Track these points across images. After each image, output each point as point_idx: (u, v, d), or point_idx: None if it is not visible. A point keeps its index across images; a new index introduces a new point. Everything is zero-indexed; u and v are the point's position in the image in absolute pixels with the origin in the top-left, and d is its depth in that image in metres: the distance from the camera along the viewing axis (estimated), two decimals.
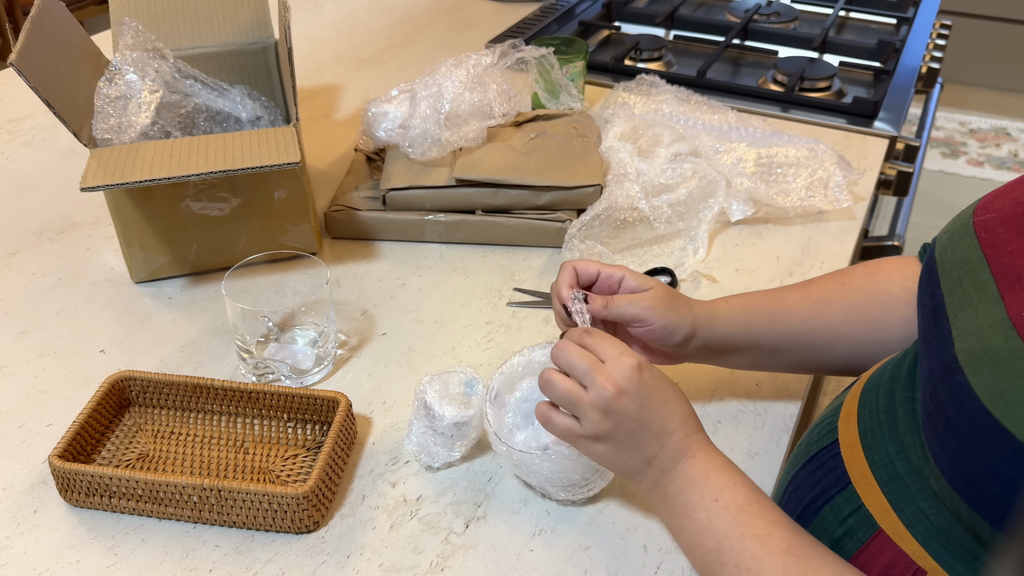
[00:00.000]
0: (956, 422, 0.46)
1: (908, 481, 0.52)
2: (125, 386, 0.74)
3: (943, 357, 0.49)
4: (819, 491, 0.58)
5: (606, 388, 0.58)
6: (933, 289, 0.54)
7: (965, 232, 0.54)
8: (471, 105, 0.98)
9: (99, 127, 0.89)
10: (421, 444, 0.70)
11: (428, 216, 0.97)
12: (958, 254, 0.53)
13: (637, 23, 1.57)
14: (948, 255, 0.54)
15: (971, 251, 0.52)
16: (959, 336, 0.49)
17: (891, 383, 0.58)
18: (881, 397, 0.57)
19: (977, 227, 0.53)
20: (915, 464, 0.52)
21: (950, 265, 0.54)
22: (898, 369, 0.58)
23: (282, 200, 0.91)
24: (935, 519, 0.50)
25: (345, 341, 0.84)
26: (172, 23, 1.02)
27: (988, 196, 0.56)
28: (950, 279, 0.53)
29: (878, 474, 0.54)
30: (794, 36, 1.49)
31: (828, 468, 0.58)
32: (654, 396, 0.59)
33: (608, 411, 0.59)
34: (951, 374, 0.47)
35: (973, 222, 0.54)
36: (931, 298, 0.54)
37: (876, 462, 0.54)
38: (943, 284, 0.53)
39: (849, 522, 0.55)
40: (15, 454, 0.72)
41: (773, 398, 0.79)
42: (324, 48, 1.47)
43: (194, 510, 0.65)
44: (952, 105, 3.38)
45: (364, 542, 0.65)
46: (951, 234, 0.56)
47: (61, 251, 0.97)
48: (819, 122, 1.24)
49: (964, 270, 0.52)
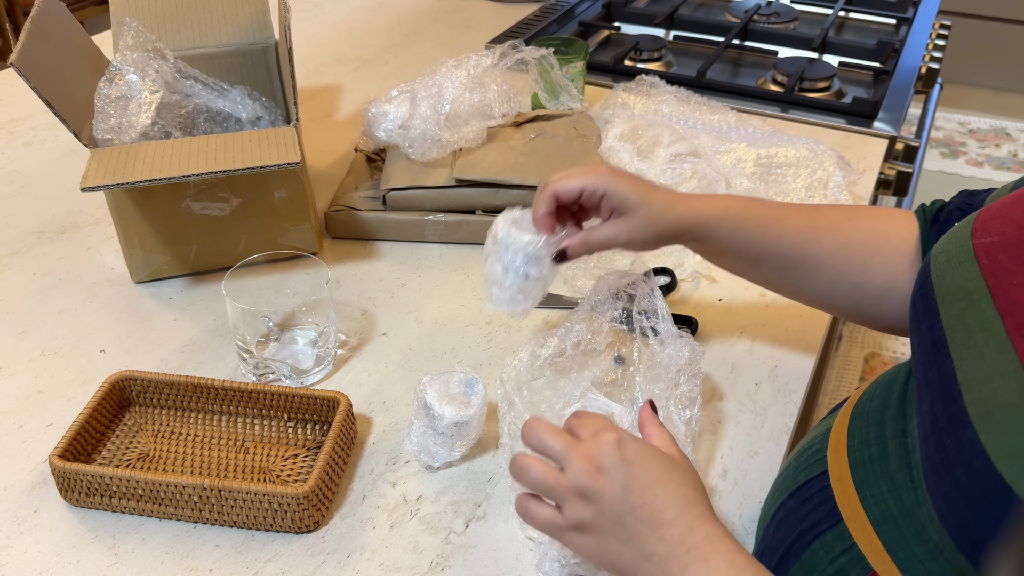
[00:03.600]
0: (965, 483, 0.42)
1: (901, 522, 0.49)
2: (125, 386, 0.74)
3: (949, 406, 0.45)
4: (808, 524, 0.55)
5: (584, 467, 0.52)
6: (931, 320, 0.50)
7: (964, 256, 0.50)
8: (471, 105, 0.99)
9: (99, 127, 0.89)
10: (421, 444, 0.70)
11: (428, 216, 0.97)
12: (958, 281, 0.49)
13: (637, 23, 1.57)
14: (947, 281, 0.50)
15: (972, 279, 0.48)
16: (967, 384, 0.44)
17: (880, 412, 0.55)
18: (871, 427, 0.55)
19: (978, 251, 0.49)
20: (907, 505, 0.49)
21: (950, 294, 0.49)
22: (887, 396, 0.56)
23: (282, 200, 0.91)
24: (930, 566, 0.47)
25: (345, 341, 0.85)
26: (172, 23, 1.02)
27: (987, 213, 0.52)
28: (950, 311, 0.48)
29: (870, 512, 0.51)
30: (794, 36, 1.49)
31: (818, 501, 0.55)
32: (640, 475, 0.51)
33: (588, 494, 0.52)
34: (960, 428, 0.43)
35: (973, 245, 0.50)
36: (929, 330, 0.50)
37: (868, 499, 0.52)
38: (943, 315, 0.49)
39: (840, 561, 0.51)
40: (15, 454, 0.72)
41: (773, 398, 0.79)
42: (324, 48, 1.47)
43: (194, 510, 0.65)
44: (952, 105, 3.38)
45: (364, 542, 0.65)
46: (948, 256, 0.51)
47: (62, 251, 0.97)
48: (819, 122, 1.24)
49: (966, 302, 0.47)
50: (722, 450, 0.73)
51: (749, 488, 0.70)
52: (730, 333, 0.86)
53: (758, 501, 0.69)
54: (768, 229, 0.70)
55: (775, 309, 0.89)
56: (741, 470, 0.72)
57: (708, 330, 0.86)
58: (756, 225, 0.69)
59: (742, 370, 0.82)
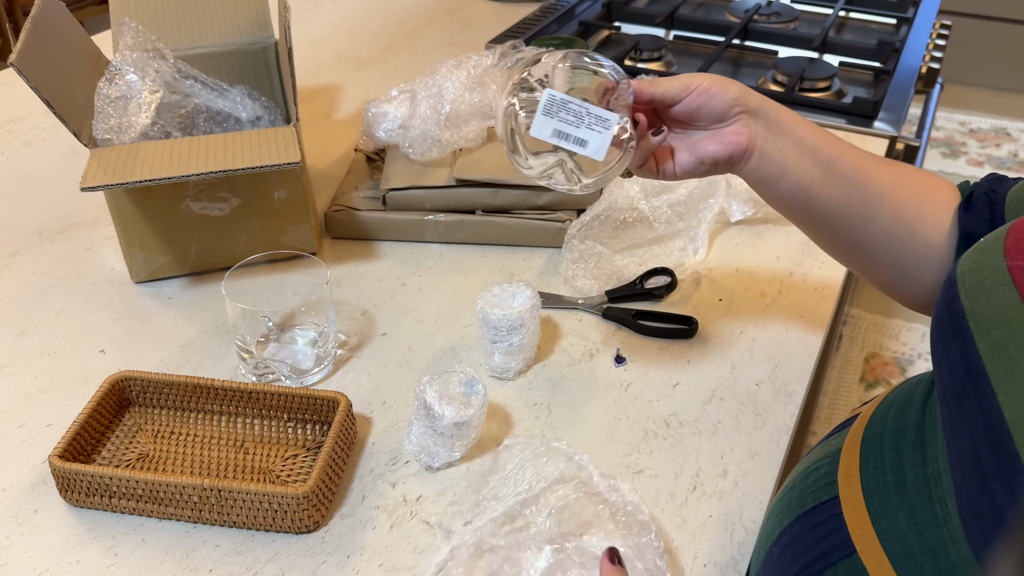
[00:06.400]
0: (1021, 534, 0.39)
1: (923, 559, 0.47)
2: (125, 386, 0.74)
3: (997, 447, 0.41)
4: (819, 553, 0.53)
5: None
6: (964, 345, 0.46)
7: (999, 278, 0.46)
8: (471, 105, 0.98)
9: (99, 127, 0.89)
10: (421, 444, 0.70)
11: (428, 216, 0.97)
12: (995, 306, 0.45)
13: (637, 23, 1.57)
14: (981, 305, 0.46)
15: (1012, 306, 0.44)
16: (1018, 424, 0.41)
17: (896, 436, 0.52)
18: (886, 452, 0.52)
19: (1015, 274, 0.45)
20: (931, 543, 0.47)
21: (986, 319, 0.46)
22: (902, 419, 0.53)
23: (282, 200, 0.91)
24: None
25: (345, 341, 0.85)
26: (172, 23, 1.02)
27: (1018, 232, 0.48)
28: (988, 338, 0.45)
29: (887, 546, 0.48)
30: (794, 36, 1.49)
31: (829, 528, 0.53)
32: None
33: None
34: (1013, 474, 0.40)
35: (1008, 267, 0.46)
36: (963, 356, 0.46)
37: (884, 531, 0.49)
38: (979, 342, 0.45)
39: None
40: (15, 454, 0.72)
41: (773, 398, 0.79)
42: (324, 48, 1.47)
43: (194, 510, 0.65)
44: (952, 105, 3.38)
45: (364, 542, 0.65)
46: (979, 276, 0.47)
47: (61, 251, 0.97)
48: (819, 122, 1.23)
49: (1007, 330, 0.44)
50: (722, 450, 0.73)
51: (749, 488, 0.70)
52: (730, 333, 0.86)
53: (759, 501, 0.69)
54: (839, 145, 0.67)
55: (775, 309, 0.89)
56: (741, 470, 0.72)
57: (708, 330, 0.86)
58: (823, 156, 0.66)
59: (742, 370, 0.82)
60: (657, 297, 0.90)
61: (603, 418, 0.76)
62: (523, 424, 0.75)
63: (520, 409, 0.77)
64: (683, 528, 0.66)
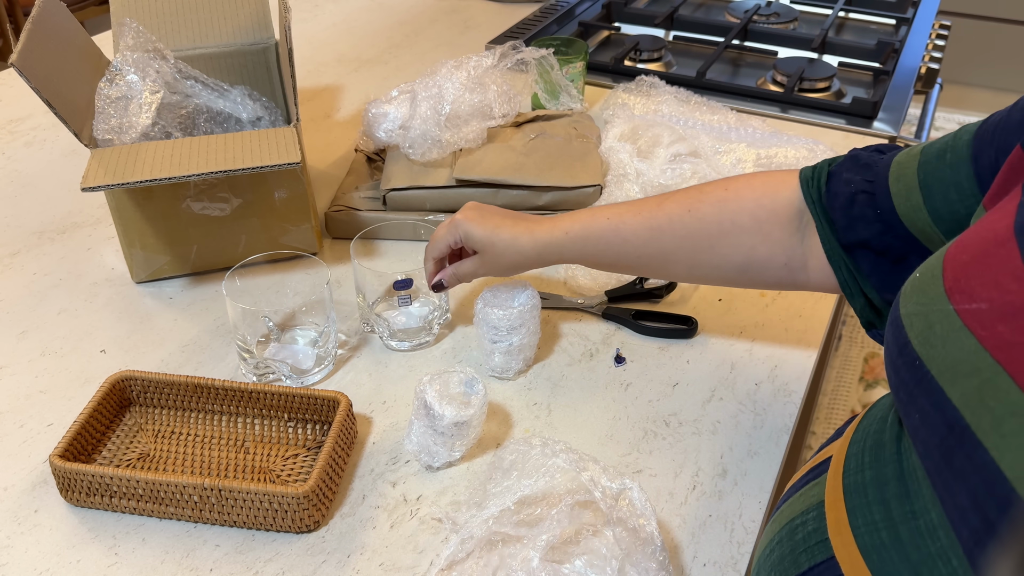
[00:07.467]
0: None
1: None
2: (126, 386, 0.75)
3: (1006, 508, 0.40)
4: None
5: None
6: (934, 397, 0.44)
7: (950, 324, 0.44)
8: (471, 106, 0.99)
9: (100, 127, 0.89)
10: (421, 444, 0.70)
11: (428, 216, 0.97)
12: (954, 355, 0.44)
13: (637, 24, 1.57)
14: (939, 353, 0.45)
15: (973, 353, 0.43)
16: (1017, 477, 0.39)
17: (879, 489, 0.50)
18: (873, 506, 0.50)
19: (966, 319, 0.44)
20: None
21: (949, 369, 0.44)
22: (880, 468, 0.51)
23: (282, 200, 0.91)
24: None
25: (345, 341, 0.85)
26: (173, 24, 1.02)
27: (956, 270, 0.46)
28: (958, 388, 0.43)
29: None
30: (793, 37, 1.49)
31: None
32: None
33: None
34: None
35: (957, 312, 0.44)
36: (936, 408, 0.44)
37: None
38: (949, 393, 0.43)
39: None
40: (16, 454, 0.72)
41: (773, 398, 0.79)
42: (324, 48, 1.48)
43: (195, 510, 0.65)
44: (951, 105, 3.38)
45: (364, 542, 0.65)
46: (928, 321, 0.46)
47: (62, 251, 0.97)
48: (818, 122, 1.24)
49: (978, 379, 0.42)
50: (722, 450, 0.73)
51: (749, 488, 0.70)
52: (730, 333, 0.86)
53: (758, 501, 0.69)
54: (609, 241, 0.73)
55: (775, 309, 0.89)
56: (741, 470, 0.72)
57: (708, 330, 0.86)
58: (596, 241, 0.73)
59: (742, 370, 0.82)
60: (657, 297, 0.90)
61: (603, 418, 0.76)
62: (523, 424, 0.76)
63: (520, 409, 0.77)
64: (683, 528, 0.67)
